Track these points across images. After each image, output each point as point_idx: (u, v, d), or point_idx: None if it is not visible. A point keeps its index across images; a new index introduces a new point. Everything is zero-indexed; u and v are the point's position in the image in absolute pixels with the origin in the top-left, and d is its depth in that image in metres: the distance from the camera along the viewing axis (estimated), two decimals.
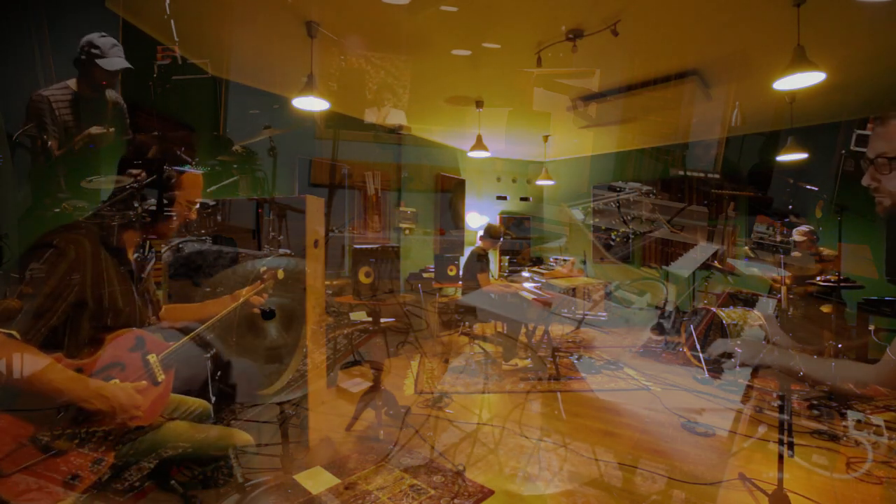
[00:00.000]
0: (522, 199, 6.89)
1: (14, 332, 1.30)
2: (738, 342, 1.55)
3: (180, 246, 2.77)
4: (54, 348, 1.40)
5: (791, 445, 1.24)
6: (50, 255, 1.39)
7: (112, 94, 2.86)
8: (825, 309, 3.86)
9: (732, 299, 2.29)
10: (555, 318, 1.87)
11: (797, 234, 4.20)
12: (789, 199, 4.98)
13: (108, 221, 1.55)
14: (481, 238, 4.71)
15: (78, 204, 1.69)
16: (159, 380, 1.55)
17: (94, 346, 1.44)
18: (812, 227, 4.16)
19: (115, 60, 2.66)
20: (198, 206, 1.76)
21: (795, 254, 4.26)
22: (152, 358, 1.54)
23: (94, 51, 2.61)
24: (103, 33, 2.69)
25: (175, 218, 1.67)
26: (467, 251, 5.37)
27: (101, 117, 2.81)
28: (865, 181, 1.44)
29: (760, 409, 1.64)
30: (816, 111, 4.91)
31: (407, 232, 5.30)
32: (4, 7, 2.95)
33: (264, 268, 1.92)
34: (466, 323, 4.04)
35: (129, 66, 2.73)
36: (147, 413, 1.51)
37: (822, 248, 4.10)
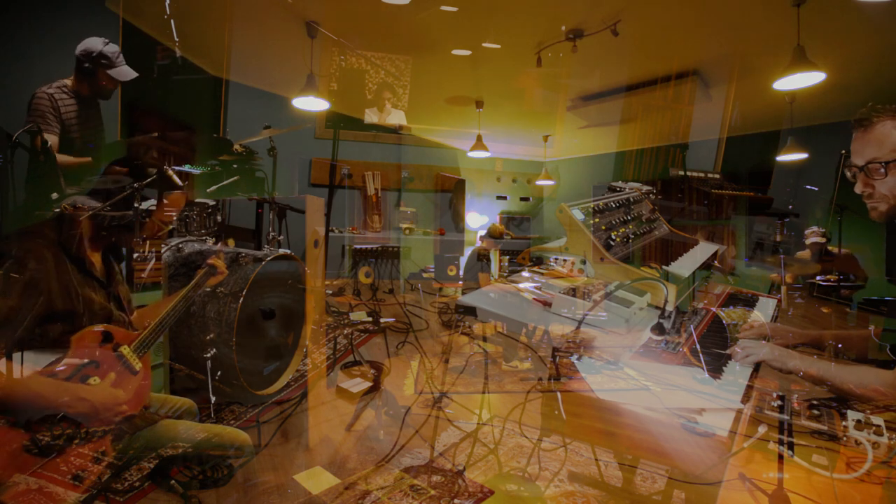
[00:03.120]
0: (522, 199, 6.88)
1: None
2: (769, 348, 1.55)
3: (180, 246, 2.77)
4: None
5: (791, 445, 1.24)
6: (10, 265, 1.39)
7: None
8: (825, 309, 3.86)
9: (732, 299, 2.29)
10: (555, 318, 1.87)
11: (815, 236, 4.18)
12: (789, 199, 4.97)
13: (69, 225, 1.55)
14: (482, 238, 4.70)
15: (78, 203, 1.70)
16: (137, 369, 1.57)
17: (62, 351, 1.44)
18: (824, 230, 4.16)
19: (125, 70, 2.69)
20: (171, 225, 1.78)
21: (803, 254, 4.25)
22: (125, 349, 1.55)
23: (103, 61, 2.62)
24: (107, 40, 2.69)
25: (146, 229, 1.69)
26: (468, 251, 5.36)
27: (92, 118, 2.81)
28: (858, 189, 1.39)
29: (760, 409, 1.64)
30: (816, 111, 4.91)
31: (407, 232, 5.30)
32: (4, 7, 2.95)
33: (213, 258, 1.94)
34: (466, 323, 4.04)
35: (137, 74, 2.76)
36: (132, 402, 1.53)
37: (833, 248, 4.09)
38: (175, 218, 1.76)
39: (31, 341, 1.41)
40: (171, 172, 1.74)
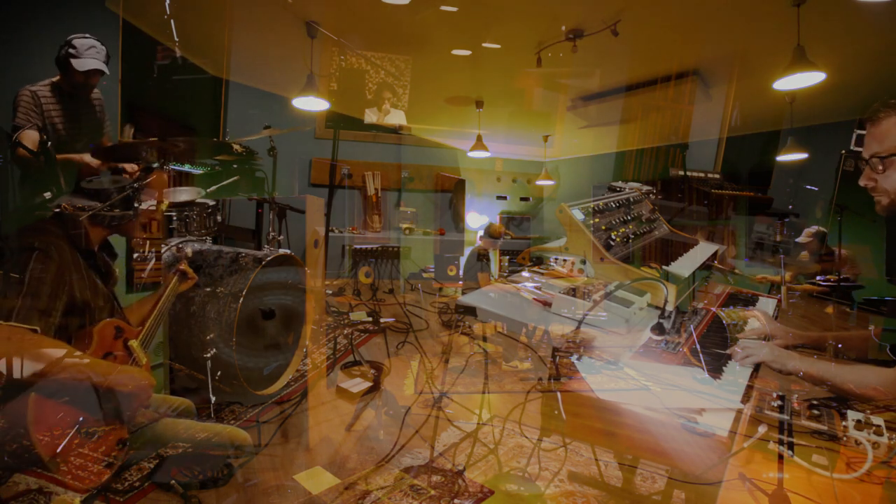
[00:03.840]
0: (522, 199, 6.88)
1: (37, 328, 1.34)
2: (769, 349, 1.57)
3: (180, 246, 2.77)
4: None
5: (791, 445, 1.24)
6: (38, 256, 1.42)
7: (95, 94, 2.80)
8: (829, 310, 3.85)
9: (732, 299, 2.29)
10: (555, 318, 1.87)
11: (804, 236, 4.20)
12: (789, 199, 4.97)
13: (75, 219, 1.58)
14: (481, 238, 4.69)
15: (78, 203, 1.71)
16: (143, 363, 1.60)
17: (84, 340, 1.46)
18: (820, 228, 4.17)
19: (88, 62, 2.59)
20: (163, 205, 1.80)
21: (804, 254, 4.26)
22: (134, 343, 1.57)
23: (70, 50, 2.55)
24: (86, 34, 2.60)
25: (141, 217, 1.72)
26: (467, 251, 5.35)
27: (81, 115, 2.78)
28: (862, 182, 1.44)
29: (760, 409, 1.64)
30: (816, 111, 4.90)
31: (407, 232, 5.29)
32: (4, 7, 2.94)
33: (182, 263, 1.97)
34: (466, 323, 4.04)
35: (101, 69, 2.65)
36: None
37: (834, 249, 4.10)
38: (163, 199, 1.79)
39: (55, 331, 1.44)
40: (146, 155, 1.76)
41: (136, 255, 2.50)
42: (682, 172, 4.97)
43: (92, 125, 2.84)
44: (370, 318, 4.03)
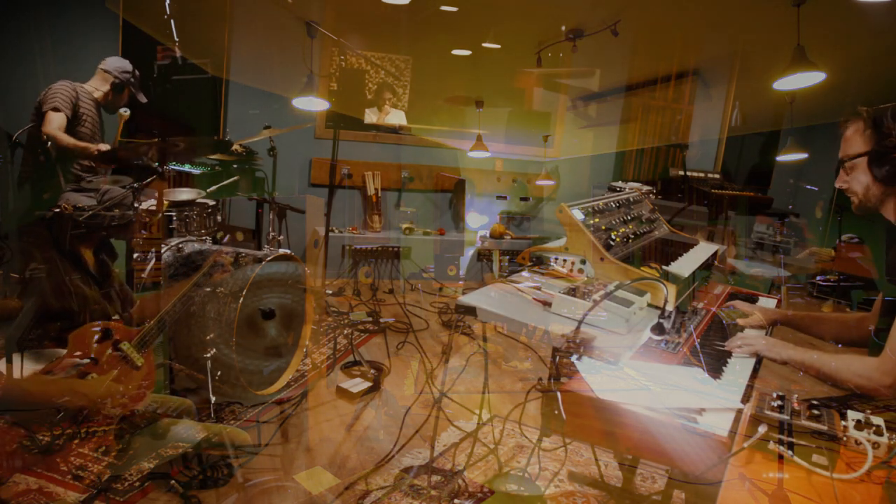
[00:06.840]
0: (522, 199, 6.88)
1: None
2: (766, 341, 1.60)
3: (180, 246, 2.77)
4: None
5: (791, 445, 1.24)
6: (5, 267, 1.41)
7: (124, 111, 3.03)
8: (826, 308, 3.86)
9: (732, 299, 2.29)
10: (555, 318, 1.87)
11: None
12: (789, 199, 4.97)
13: (68, 222, 1.57)
14: (482, 238, 4.70)
15: (78, 203, 1.71)
16: (139, 364, 1.57)
17: (59, 347, 1.44)
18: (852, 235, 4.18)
19: (142, 94, 2.99)
20: (159, 214, 1.80)
21: (802, 255, 4.27)
22: (125, 345, 1.55)
23: (132, 80, 2.89)
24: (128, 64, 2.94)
25: (136, 222, 1.72)
26: (468, 251, 5.35)
27: (95, 123, 2.92)
28: (837, 183, 1.57)
29: (760, 409, 1.64)
30: (816, 111, 4.90)
31: (407, 232, 5.29)
32: (4, 7, 2.95)
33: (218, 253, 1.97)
34: (466, 323, 4.03)
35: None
36: (136, 397, 1.54)
37: (818, 249, 4.11)
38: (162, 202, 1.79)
39: (30, 340, 1.41)
40: (147, 161, 1.76)
41: (136, 256, 2.51)
42: (682, 172, 4.97)
43: (97, 131, 2.93)
44: (370, 318, 4.03)
